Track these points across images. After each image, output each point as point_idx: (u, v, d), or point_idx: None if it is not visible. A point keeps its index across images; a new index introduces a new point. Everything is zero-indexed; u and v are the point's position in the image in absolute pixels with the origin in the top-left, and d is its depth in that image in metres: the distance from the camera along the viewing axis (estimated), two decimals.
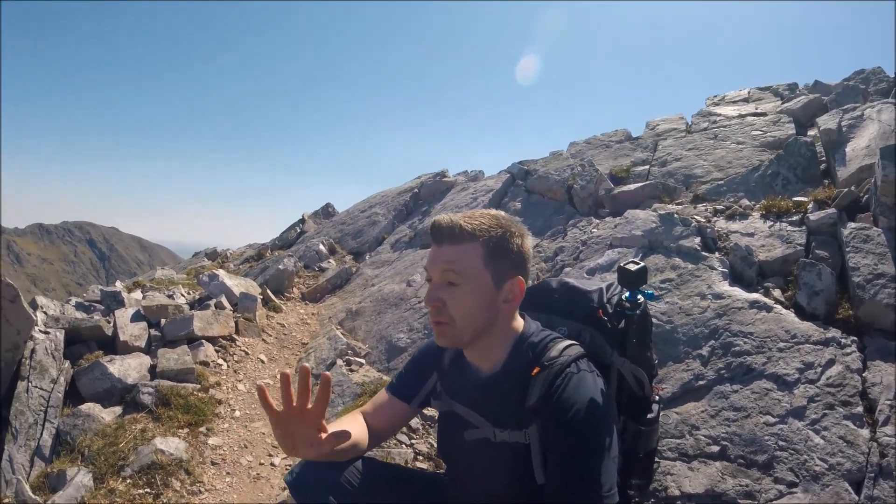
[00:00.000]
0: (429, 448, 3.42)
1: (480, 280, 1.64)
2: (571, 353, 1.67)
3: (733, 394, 2.99)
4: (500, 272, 1.66)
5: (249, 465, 3.54)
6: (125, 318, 4.54)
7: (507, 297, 1.69)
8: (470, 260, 1.64)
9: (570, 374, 1.60)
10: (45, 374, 3.68)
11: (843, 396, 2.79)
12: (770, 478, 2.59)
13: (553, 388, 1.59)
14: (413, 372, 1.99)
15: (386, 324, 5.15)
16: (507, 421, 1.66)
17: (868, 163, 4.14)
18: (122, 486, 3.08)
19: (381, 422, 1.96)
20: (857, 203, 3.83)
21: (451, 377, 1.87)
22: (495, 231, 1.67)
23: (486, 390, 1.73)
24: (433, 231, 1.69)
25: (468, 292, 1.64)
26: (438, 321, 1.67)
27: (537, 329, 1.78)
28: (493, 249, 1.65)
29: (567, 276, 2.86)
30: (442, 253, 1.67)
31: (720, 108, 7.44)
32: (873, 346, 2.99)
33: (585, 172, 6.07)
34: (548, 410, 1.58)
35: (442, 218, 1.69)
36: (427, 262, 1.71)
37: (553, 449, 1.57)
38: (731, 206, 4.50)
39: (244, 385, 4.34)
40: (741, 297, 3.47)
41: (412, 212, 8.24)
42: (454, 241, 1.65)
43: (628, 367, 1.90)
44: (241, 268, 7.88)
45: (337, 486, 1.71)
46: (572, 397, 1.56)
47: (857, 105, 5.10)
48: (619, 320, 1.91)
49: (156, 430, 3.51)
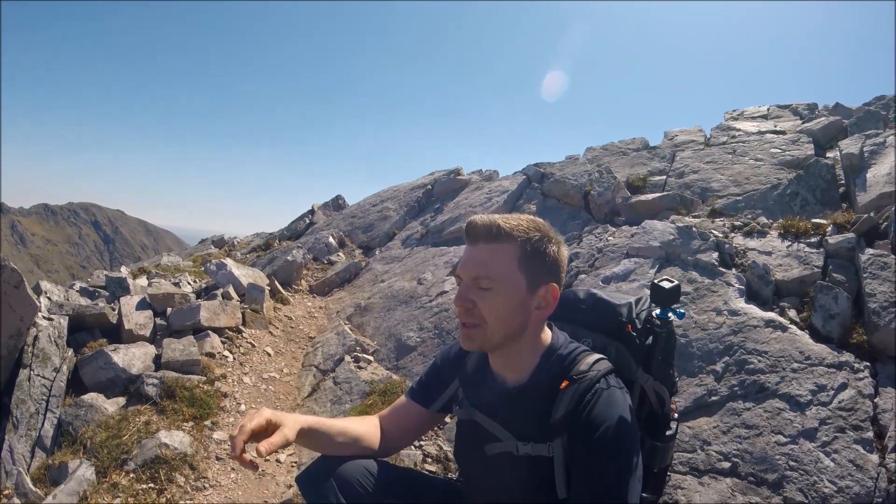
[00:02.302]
0: (437, 450, 3.42)
1: (515, 283, 1.62)
2: (601, 367, 1.65)
3: (746, 411, 3.00)
4: (535, 277, 1.64)
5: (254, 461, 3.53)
6: (130, 305, 4.50)
7: (539, 303, 1.66)
8: (505, 261, 1.61)
9: (601, 391, 1.59)
10: (48, 363, 3.63)
11: (854, 421, 2.80)
12: (780, 497, 2.60)
13: (583, 403, 1.57)
14: (434, 377, 1.97)
15: (395, 321, 5.15)
16: (530, 433, 1.65)
17: (888, 190, 4.15)
18: (125, 481, 3.03)
19: (399, 425, 1.95)
20: (875, 229, 3.84)
21: (473, 385, 1.85)
22: (533, 234, 1.63)
23: (511, 401, 1.71)
24: (469, 230, 1.66)
25: (501, 294, 1.61)
26: (467, 323, 1.64)
27: (566, 341, 1.76)
28: (531, 253, 1.62)
29: (587, 286, 2.85)
30: (477, 253, 1.63)
31: (739, 123, 7.43)
32: (885, 373, 3.01)
33: (603, 179, 6.08)
34: (576, 426, 1.57)
35: (479, 217, 1.66)
36: (460, 264, 1.68)
37: (580, 465, 1.56)
38: (749, 223, 4.50)
39: (250, 378, 4.32)
40: (757, 315, 3.48)
41: (424, 208, 8.23)
42: (491, 240, 1.62)
43: (651, 384, 1.89)
44: (249, 257, 7.88)
45: (349, 489, 1.70)
46: (602, 414, 1.55)
47: (880, 132, 5.10)
48: (647, 336, 1.89)
49: (160, 423, 3.47)
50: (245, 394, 4.12)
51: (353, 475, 1.73)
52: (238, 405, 3.96)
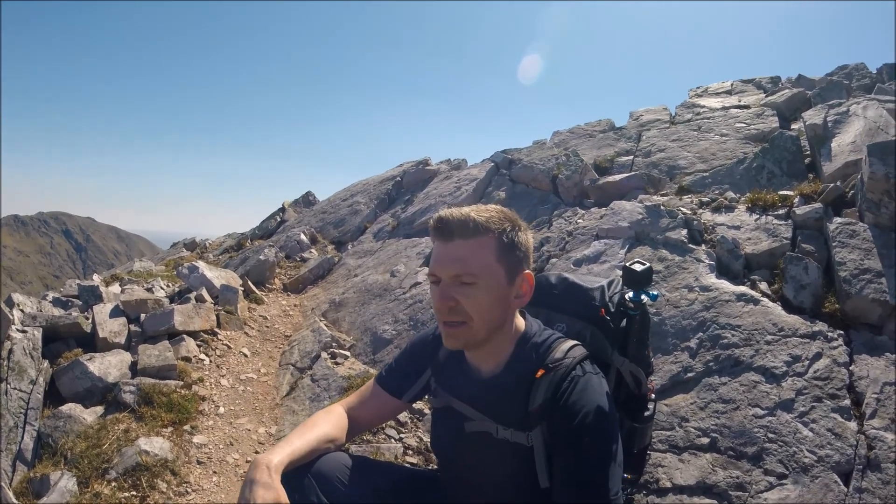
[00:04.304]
0: (418, 442, 3.38)
1: (496, 275, 1.60)
2: (576, 354, 1.64)
3: (722, 386, 3.01)
4: (513, 267, 1.62)
5: (236, 463, 3.47)
6: (104, 313, 4.41)
7: (518, 292, 1.65)
8: (485, 254, 1.59)
9: (577, 378, 1.58)
10: (24, 375, 3.57)
11: (830, 389, 2.82)
12: (760, 469, 2.61)
13: (560, 391, 1.56)
14: (405, 366, 1.95)
15: (370, 315, 5.10)
16: (509, 420, 1.63)
17: (853, 158, 4.18)
18: (107, 490, 2.99)
19: (369, 415, 1.93)
20: (842, 198, 3.87)
21: (447, 374, 1.83)
22: (506, 225, 1.62)
23: (487, 391, 1.69)
24: (440, 227, 1.62)
25: (483, 288, 1.58)
26: (451, 321, 1.61)
27: (539, 328, 1.75)
28: (507, 244, 1.61)
29: (558, 270, 2.83)
30: (453, 249, 1.60)
31: (703, 100, 7.47)
32: (859, 340, 3.03)
33: (570, 162, 6.07)
34: (554, 414, 1.55)
35: (449, 212, 1.62)
36: (433, 263, 1.64)
37: (560, 454, 1.55)
38: (717, 199, 4.52)
39: (228, 380, 4.25)
40: (728, 290, 3.49)
41: (395, 200, 8.17)
42: (467, 236, 1.59)
43: (627, 367, 1.89)
44: (221, 258, 7.75)
45: (328, 486, 1.67)
46: (579, 402, 1.54)
47: (843, 101, 5.14)
48: (621, 320, 1.89)
49: (139, 430, 3.42)
50: (223, 396, 4.06)
51: (331, 472, 1.70)
52: (217, 408, 3.90)
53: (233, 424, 3.81)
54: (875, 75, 7.30)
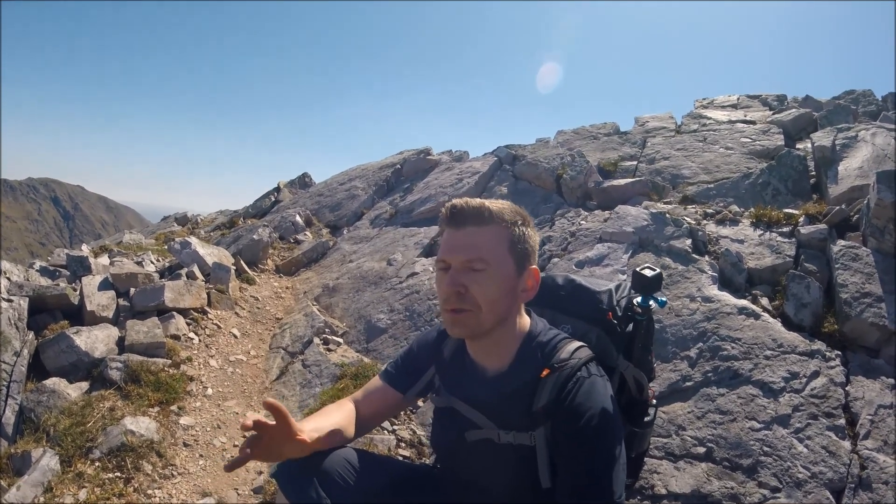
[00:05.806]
0: (411, 435, 3.37)
1: (506, 265, 1.61)
2: (582, 355, 1.64)
3: (720, 397, 3.03)
4: (521, 260, 1.64)
5: (223, 446, 3.43)
6: (92, 286, 4.30)
7: (524, 286, 1.66)
8: (497, 243, 1.60)
9: (582, 379, 1.58)
10: (8, 347, 3.45)
11: (826, 408, 2.85)
12: (754, 482, 2.63)
13: (564, 392, 1.56)
14: (410, 362, 1.95)
15: (365, 303, 5.06)
16: (512, 422, 1.63)
17: (860, 183, 4.22)
18: (90, 470, 2.92)
19: (374, 409, 1.93)
20: (847, 221, 3.91)
21: (451, 372, 1.82)
22: (518, 217, 1.64)
23: (491, 390, 1.69)
24: (454, 214, 1.63)
25: (494, 277, 1.59)
26: (458, 308, 1.60)
27: (545, 328, 1.74)
28: (518, 236, 1.63)
29: (560, 270, 2.83)
30: (465, 236, 1.61)
31: (709, 112, 7.51)
32: (856, 362, 3.07)
33: (576, 163, 6.07)
34: (559, 415, 1.55)
35: (462, 201, 1.63)
36: (444, 249, 1.64)
37: (564, 456, 1.55)
38: (722, 211, 4.54)
39: (216, 361, 4.19)
40: (730, 303, 3.51)
41: (393, 188, 8.13)
42: (481, 223, 1.60)
43: (631, 371, 1.88)
44: (213, 235, 7.67)
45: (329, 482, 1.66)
46: (584, 403, 1.54)
47: (852, 126, 5.18)
48: (628, 324, 1.89)
49: (125, 409, 3.34)
50: (212, 377, 4.00)
51: (332, 467, 1.68)
52: (205, 389, 3.84)
53: (221, 407, 3.76)
54: (881, 102, 7.36)
